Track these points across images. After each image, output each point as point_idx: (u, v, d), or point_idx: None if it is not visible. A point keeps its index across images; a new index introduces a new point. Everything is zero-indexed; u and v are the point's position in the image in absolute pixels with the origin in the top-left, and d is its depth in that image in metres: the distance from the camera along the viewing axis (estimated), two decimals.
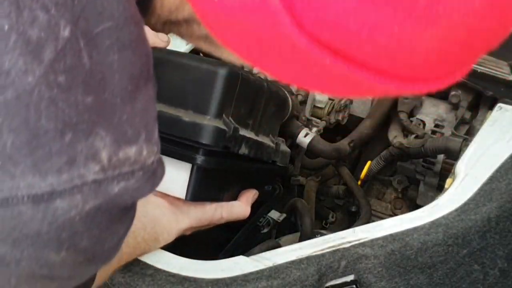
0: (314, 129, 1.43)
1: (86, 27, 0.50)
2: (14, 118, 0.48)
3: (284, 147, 1.19)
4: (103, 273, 0.88)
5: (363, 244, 1.00)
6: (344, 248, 0.99)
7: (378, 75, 0.53)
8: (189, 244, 1.06)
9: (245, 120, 1.08)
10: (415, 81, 0.56)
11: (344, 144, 1.36)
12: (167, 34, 0.81)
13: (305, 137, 1.32)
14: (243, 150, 1.06)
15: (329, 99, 1.48)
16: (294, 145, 1.36)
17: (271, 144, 1.16)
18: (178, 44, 1.21)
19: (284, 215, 1.25)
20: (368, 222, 1.27)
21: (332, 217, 1.47)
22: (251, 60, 0.58)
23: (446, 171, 1.33)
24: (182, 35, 0.77)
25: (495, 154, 1.16)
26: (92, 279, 0.66)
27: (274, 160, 1.17)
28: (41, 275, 0.54)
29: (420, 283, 1.01)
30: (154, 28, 0.78)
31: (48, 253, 0.53)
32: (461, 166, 1.15)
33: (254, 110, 1.10)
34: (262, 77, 1.15)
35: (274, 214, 1.24)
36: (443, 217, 1.04)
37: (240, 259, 1.00)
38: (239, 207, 1.10)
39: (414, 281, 1.00)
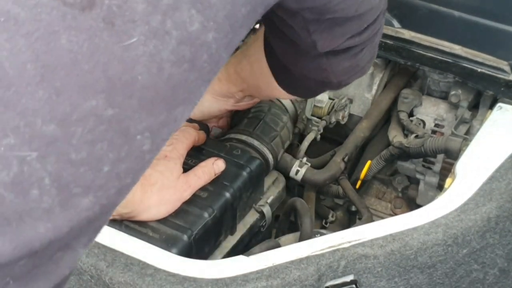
0: (314, 129, 1.44)
1: None
2: None
3: (267, 208, 1.23)
4: None
5: (362, 244, 1.00)
6: (343, 248, 0.99)
7: None
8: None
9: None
10: None
11: (337, 162, 1.36)
12: None
13: (296, 175, 1.33)
14: None
15: (329, 98, 1.48)
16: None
17: (256, 216, 1.21)
18: None
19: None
20: None
21: (332, 216, 1.47)
22: None
23: (446, 171, 1.33)
24: None
25: (495, 153, 1.16)
26: None
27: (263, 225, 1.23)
28: None
29: (420, 283, 1.01)
30: None
31: None
32: (461, 165, 1.15)
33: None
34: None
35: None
36: (443, 217, 1.05)
37: (239, 259, 1.00)
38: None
39: (413, 281, 1.00)
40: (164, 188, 1.06)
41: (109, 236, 1.02)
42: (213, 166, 1.13)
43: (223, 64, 0.67)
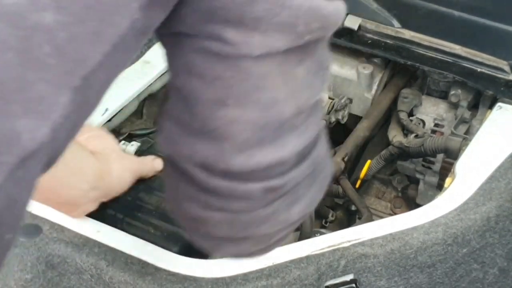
0: None
1: None
2: None
3: None
4: None
5: (362, 243, 1.00)
6: (343, 247, 0.99)
7: None
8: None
9: None
10: None
11: (337, 162, 1.36)
12: None
13: None
14: None
15: (329, 98, 1.48)
16: None
17: None
18: None
19: None
20: None
21: (332, 216, 1.47)
22: None
23: (446, 171, 1.34)
24: None
25: (495, 153, 1.16)
26: None
27: None
28: None
29: (420, 282, 1.01)
30: None
31: None
32: (461, 165, 1.15)
33: None
34: None
35: None
36: (442, 216, 1.05)
37: (240, 258, 1.01)
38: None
39: (413, 280, 1.00)
40: (123, 157, 1.06)
41: (109, 235, 1.02)
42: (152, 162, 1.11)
43: (94, 66, 0.53)
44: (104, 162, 1.02)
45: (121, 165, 1.06)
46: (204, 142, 0.67)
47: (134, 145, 1.18)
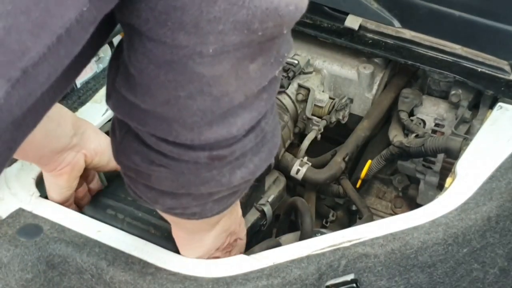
0: (315, 128, 1.44)
1: None
2: None
3: (268, 207, 1.22)
4: None
5: (363, 243, 1.00)
6: (344, 247, 0.99)
7: None
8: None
9: None
10: None
11: (338, 162, 1.37)
12: None
13: (297, 174, 1.33)
14: None
15: (330, 98, 1.48)
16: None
17: (257, 215, 1.21)
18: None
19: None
20: None
21: (333, 215, 1.47)
22: None
23: (446, 170, 1.33)
24: None
25: (495, 153, 1.16)
26: None
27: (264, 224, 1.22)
28: None
29: (420, 282, 1.01)
30: None
31: None
32: (461, 165, 1.15)
33: None
34: None
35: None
36: (443, 216, 1.05)
37: (240, 258, 1.01)
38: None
39: (414, 280, 1.00)
40: None
41: (110, 235, 1.02)
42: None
43: (37, 59, 0.52)
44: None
45: (97, 128, 1.08)
46: (153, 119, 0.68)
47: None
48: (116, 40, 1.33)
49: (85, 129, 1.05)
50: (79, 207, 1.12)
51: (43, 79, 0.55)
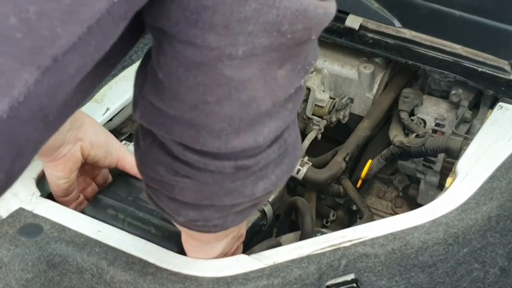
0: (315, 128, 1.44)
1: None
2: None
3: (268, 207, 1.22)
4: None
5: (363, 243, 1.00)
6: (344, 247, 0.99)
7: None
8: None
9: None
10: None
11: (338, 162, 1.36)
12: None
13: (297, 174, 1.33)
14: None
15: (330, 97, 1.48)
16: None
17: (258, 215, 1.20)
18: None
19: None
20: None
21: (333, 215, 1.47)
22: None
23: (447, 170, 1.33)
24: None
25: (496, 153, 1.16)
26: None
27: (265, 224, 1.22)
28: None
29: (421, 282, 1.01)
30: None
31: None
32: (462, 165, 1.15)
33: None
34: None
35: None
36: (443, 216, 1.05)
37: (240, 258, 1.00)
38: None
39: (414, 280, 1.00)
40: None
41: (110, 235, 1.02)
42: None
43: (67, 47, 0.52)
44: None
45: (94, 120, 1.07)
46: (180, 126, 0.68)
47: None
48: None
49: (82, 122, 1.04)
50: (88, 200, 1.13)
51: (73, 70, 0.54)
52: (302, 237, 1.18)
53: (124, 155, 1.09)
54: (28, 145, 0.55)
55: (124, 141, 1.21)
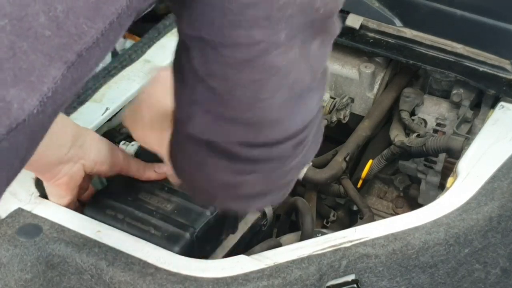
0: None
1: None
2: None
3: (268, 207, 1.21)
4: None
5: (364, 244, 1.00)
6: (345, 248, 0.99)
7: None
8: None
9: None
10: None
11: (338, 162, 1.36)
12: None
13: None
14: None
15: (331, 97, 1.48)
16: None
17: (258, 215, 1.19)
18: None
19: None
20: None
21: (333, 216, 1.47)
22: None
23: (448, 170, 1.33)
24: None
25: (497, 153, 1.16)
26: None
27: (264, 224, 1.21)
28: None
29: (422, 283, 1.00)
30: None
31: None
32: (463, 165, 1.15)
33: None
34: None
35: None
36: (444, 216, 1.04)
37: (241, 258, 1.00)
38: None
39: (415, 281, 1.00)
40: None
41: (109, 235, 1.02)
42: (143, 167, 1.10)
43: (91, 43, 0.54)
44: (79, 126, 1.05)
45: (97, 136, 1.07)
46: (240, 127, 0.69)
47: (134, 145, 1.18)
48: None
49: (84, 140, 1.04)
50: (82, 205, 1.12)
51: (93, 64, 0.56)
52: (302, 238, 1.18)
53: (128, 164, 1.09)
54: (42, 137, 0.58)
55: (123, 142, 1.20)
